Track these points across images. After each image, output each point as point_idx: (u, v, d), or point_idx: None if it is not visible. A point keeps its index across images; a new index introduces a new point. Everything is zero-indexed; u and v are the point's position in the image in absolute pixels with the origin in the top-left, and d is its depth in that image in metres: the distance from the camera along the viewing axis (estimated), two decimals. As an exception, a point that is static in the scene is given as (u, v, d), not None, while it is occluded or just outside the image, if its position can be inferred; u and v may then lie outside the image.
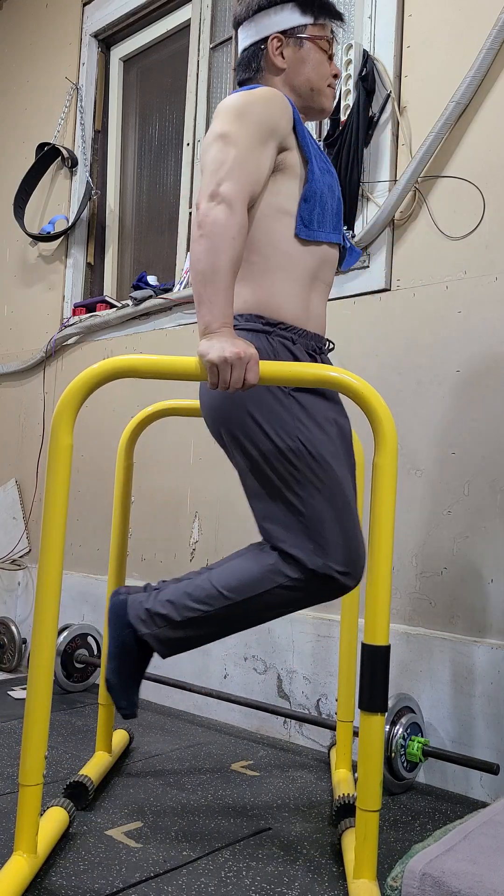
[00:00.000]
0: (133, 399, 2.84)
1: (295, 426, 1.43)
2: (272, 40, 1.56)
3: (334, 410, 1.50)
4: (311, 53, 1.57)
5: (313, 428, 1.44)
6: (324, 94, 1.60)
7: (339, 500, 1.44)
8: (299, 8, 1.56)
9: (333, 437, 1.47)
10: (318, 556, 1.41)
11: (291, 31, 1.56)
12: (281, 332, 1.47)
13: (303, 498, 1.42)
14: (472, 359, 1.98)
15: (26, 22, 3.63)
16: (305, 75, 1.57)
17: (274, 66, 1.57)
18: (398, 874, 1.12)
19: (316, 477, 1.42)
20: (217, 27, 2.89)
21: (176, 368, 1.31)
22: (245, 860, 1.44)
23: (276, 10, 1.56)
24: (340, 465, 1.46)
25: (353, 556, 1.44)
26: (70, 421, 1.29)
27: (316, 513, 1.42)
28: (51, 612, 1.29)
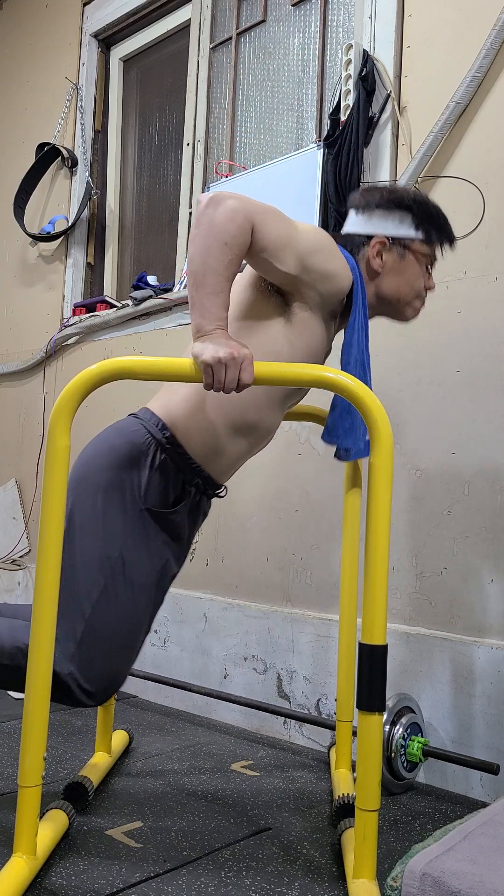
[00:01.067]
0: (131, 399, 2.84)
1: (127, 540, 1.40)
2: (375, 243, 1.52)
3: (172, 551, 1.46)
4: (410, 267, 1.54)
5: (143, 552, 1.41)
6: (411, 306, 1.58)
7: (127, 629, 1.40)
8: (415, 222, 1.52)
9: (155, 570, 1.43)
10: (71, 663, 1.36)
11: (399, 240, 1.53)
12: (174, 455, 1.43)
13: (94, 608, 1.37)
14: (472, 359, 1.98)
15: (26, 22, 3.63)
16: (396, 286, 1.54)
17: (370, 267, 1.53)
18: (398, 874, 1.12)
19: (117, 598, 1.38)
20: (217, 27, 2.89)
21: (172, 370, 1.31)
22: (245, 860, 1.45)
23: (393, 214, 1.52)
24: (146, 599, 1.42)
25: (107, 684, 1.39)
26: (67, 422, 1.29)
27: (98, 627, 1.37)
28: (50, 612, 1.29)
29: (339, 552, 2.18)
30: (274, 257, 1.36)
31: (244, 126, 2.77)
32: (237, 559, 2.43)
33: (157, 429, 1.45)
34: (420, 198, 1.54)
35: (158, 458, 1.43)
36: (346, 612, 1.83)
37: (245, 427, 1.47)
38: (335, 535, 2.19)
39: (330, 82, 2.51)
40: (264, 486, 2.38)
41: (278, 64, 2.68)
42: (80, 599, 1.38)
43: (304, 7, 2.62)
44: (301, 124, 2.59)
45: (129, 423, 1.49)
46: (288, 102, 2.64)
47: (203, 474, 1.47)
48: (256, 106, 2.74)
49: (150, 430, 1.45)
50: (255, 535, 2.39)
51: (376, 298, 1.56)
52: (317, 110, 2.53)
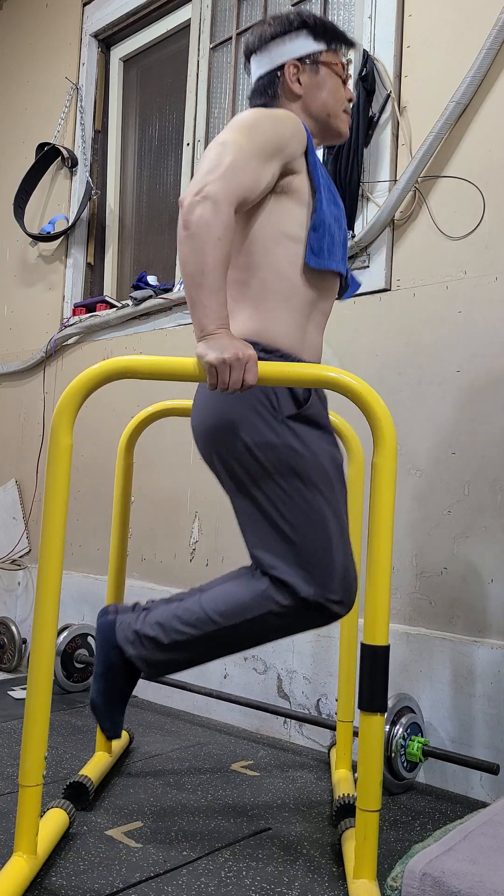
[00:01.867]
0: (133, 399, 2.84)
1: (287, 453, 1.42)
2: (289, 67, 1.56)
3: (328, 441, 1.48)
4: (326, 79, 1.58)
5: (306, 454, 1.43)
6: (340, 118, 1.60)
7: (331, 527, 1.42)
8: (312, 35, 1.57)
9: (326, 465, 1.45)
10: (310, 584, 1.39)
11: (307, 58, 1.57)
12: (276, 361, 1.45)
13: (294, 525, 1.41)
14: (472, 359, 1.98)
15: (26, 22, 3.63)
16: (322, 100, 1.57)
17: (291, 92, 1.57)
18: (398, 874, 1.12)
19: (308, 506, 1.41)
20: (217, 27, 2.89)
21: (175, 369, 1.31)
22: (245, 860, 1.44)
23: (289, 38, 1.56)
24: (333, 492, 1.44)
25: (345, 584, 1.42)
26: (69, 421, 1.29)
27: (308, 540, 1.40)
28: (51, 612, 1.29)
29: (339, 552, 2.17)
30: (261, 192, 1.41)
31: (244, 126, 2.76)
32: (237, 559, 2.43)
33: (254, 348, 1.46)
34: (305, 12, 1.59)
35: None
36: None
37: (313, 302, 1.51)
38: (335, 535, 2.19)
39: (330, 82, 2.51)
40: (264, 486, 2.37)
41: (278, 64, 2.68)
42: (280, 526, 1.41)
43: (304, 7, 2.62)
44: (301, 124, 2.59)
45: None
46: (288, 102, 2.64)
47: (304, 361, 1.50)
48: (256, 106, 2.73)
49: None
50: (255, 535, 2.38)
51: (310, 122, 1.59)
52: (317, 110, 2.53)
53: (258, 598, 1.41)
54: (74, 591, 2.92)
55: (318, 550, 1.40)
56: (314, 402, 1.48)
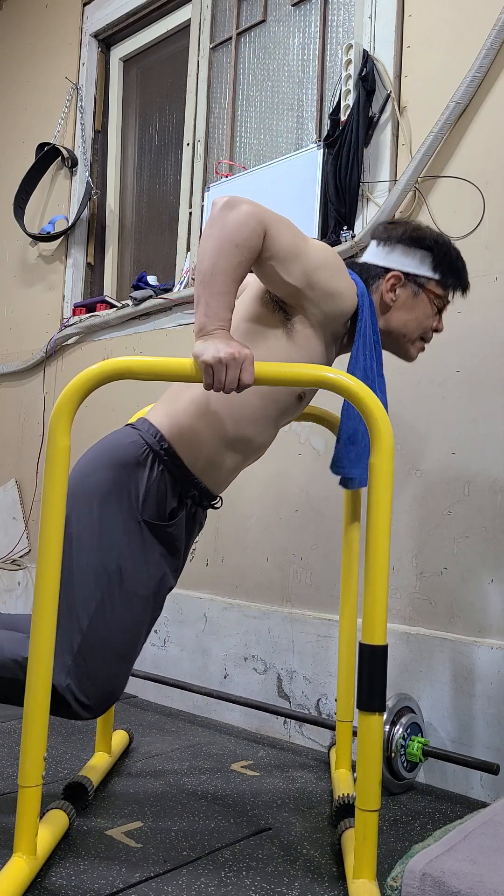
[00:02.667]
0: (132, 399, 2.84)
1: (125, 551, 1.39)
2: (392, 276, 1.54)
3: (168, 564, 1.46)
4: (421, 305, 1.56)
5: (140, 564, 1.40)
6: (414, 344, 1.60)
7: (124, 641, 1.39)
8: (434, 263, 1.54)
9: (153, 581, 1.43)
10: (68, 676, 1.35)
11: (415, 277, 1.55)
12: (171, 467, 1.43)
13: (91, 620, 1.37)
14: (472, 359, 1.98)
15: (26, 22, 3.63)
16: (405, 321, 1.56)
17: (383, 298, 1.55)
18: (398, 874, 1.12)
19: (114, 610, 1.38)
20: (217, 27, 2.89)
21: (173, 370, 1.31)
22: (245, 860, 1.45)
23: (413, 252, 1.54)
24: (142, 611, 1.42)
25: (103, 697, 1.38)
26: (67, 422, 1.29)
27: (95, 640, 1.36)
28: (51, 612, 1.29)
29: (339, 552, 2.18)
30: (281, 267, 1.38)
31: (244, 126, 2.77)
32: (237, 559, 2.43)
33: (154, 440, 1.44)
34: (442, 240, 1.55)
35: (156, 469, 1.43)
36: (346, 612, 1.83)
37: (241, 440, 1.48)
38: (335, 535, 2.19)
39: (330, 82, 2.51)
40: (264, 486, 2.38)
41: (278, 64, 2.68)
42: (77, 612, 1.37)
43: (304, 7, 2.62)
44: (301, 124, 2.59)
45: (127, 434, 1.48)
46: (288, 102, 2.64)
47: (200, 485, 1.47)
48: (256, 106, 2.74)
49: (147, 441, 1.44)
50: (255, 535, 2.39)
51: (383, 332, 1.58)
52: (317, 110, 2.53)
53: (12, 663, 1.37)
54: (74, 591, 2.92)
55: (97, 652, 1.37)
56: (180, 523, 1.46)
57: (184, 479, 1.45)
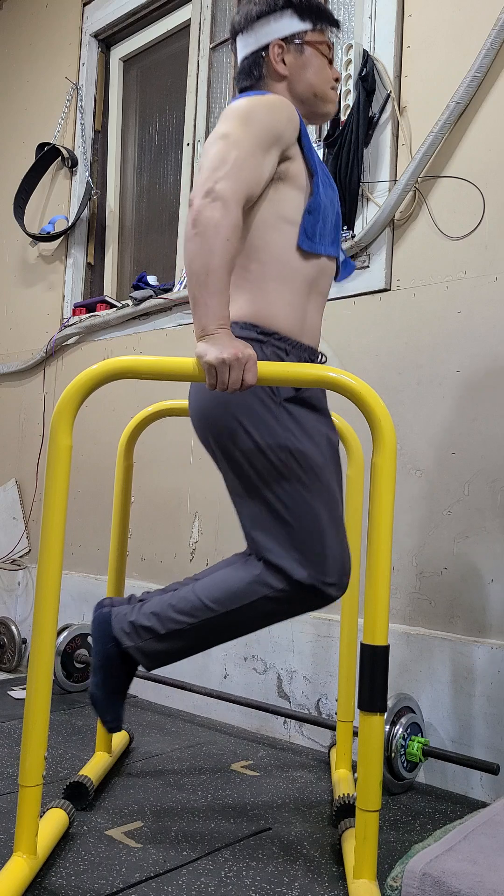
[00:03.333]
0: (132, 399, 2.84)
1: (284, 436, 1.42)
2: (273, 47, 1.56)
3: (324, 423, 1.49)
4: (312, 59, 1.57)
5: (303, 438, 1.43)
6: (327, 98, 1.60)
7: (326, 511, 1.43)
8: (297, 15, 1.56)
9: (323, 448, 1.46)
10: (304, 567, 1.40)
11: (291, 38, 1.56)
12: (275, 343, 1.46)
13: (290, 508, 1.41)
14: (472, 359, 1.98)
15: (26, 22, 3.63)
16: (308, 80, 1.57)
17: (276, 72, 1.56)
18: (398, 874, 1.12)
19: (304, 487, 1.42)
20: (217, 27, 2.89)
21: (174, 369, 1.31)
22: (245, 860, 1.44)
23: (274, 17, 1.56)
24: (329, 476, 1.45)
25: (339, 568, 1.43)
26: (69, 422, 1.29)
27: (303, 523, 1.41)
28: (51, 612, 1.29)
29: (339, 552, 2.18)
30: (264, 184, 1.41)
31: (244, 126, 2.76)
32: (237, 559, 2.42)
33: (249, 331, 1.46)
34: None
35: (266, 351, 1.46)
36: (347, 612, 1.83)
37: (312, 282, 1.51)
38: (335, 535, 2.19)
39: (330, 82, 2.51)
40: (264, 486, 2.37)
41: (278, 64, 2.68)
42: (277, 510, 1.41)
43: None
44: (301, 124, 2.59)
45: None
46: (288, 102, 2.64)
47: (303, 346, 1.51)
48: (256, 106, 2.73)
49: (245, 336, 1.46)
50: (255, 535, 2.38)
51: (297, 102, 1.59)
52: (317, 110, 2.53)
53: (252, 584, 1.42)
54: (74, 591, 2.92)
55: (312, 533, 1.41)
56: None
57: (290, 347, 1.48)
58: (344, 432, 1.88)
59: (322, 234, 1.50)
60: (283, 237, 1.47)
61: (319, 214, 1.49)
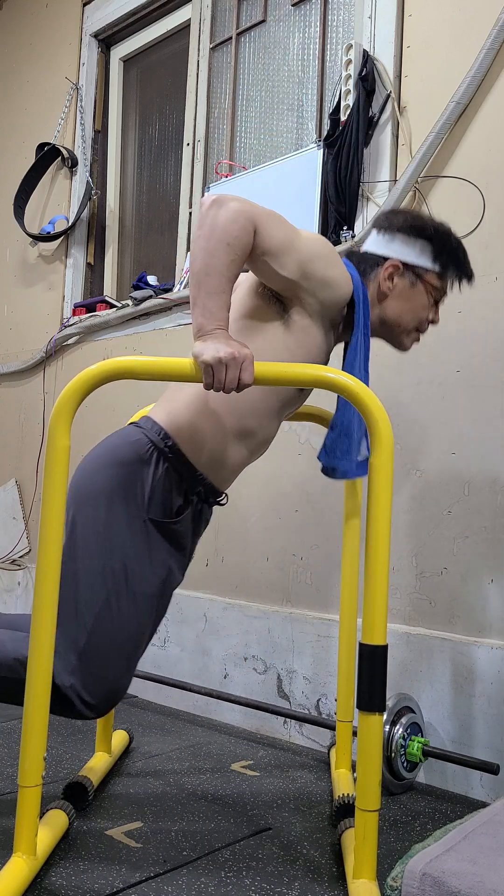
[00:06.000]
0: (132, 399, 2.84)
1: (130, 551, 1.39)
2: (390, 266, 1.53)
3: (176, 560, 1.46)
4: (418, 296, 1.54)
5: (143, 562, 1.40)
6: (409, 335, 1.58)
7: (128, 640, 1.39)
8: (433, 253, 1.52)
9: (159, 580, 1.42)
10: (72, 675, 1.35)
11: (412, 267, 1.53)
12: (176, 464, 1.43)
13: (95, 618, 1.36)
14: (472, 359, 1.98)
15: (26, 22, 3.63)
16: (400, 311, 1.55)
17: (379, 287, 1.54)
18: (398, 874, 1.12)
19: (120, 609, 1.38)
20: (217, 27, 2.89)
21: (172, 369, 1.31)
22: (245, 860, 1.44)
23: (413, 241, 1.53)
24: (148, 611, 1.42)
25: (108, 696, 1.38)
26: (67, 422, 1.29)
27: (100, 639, 1.36)
28: (50, 612, 1.29)
29: (339, 552, 2.18)
30: (275, 261, 1.37)
31: (244, 126, 2.77)
32: (237, 559, 2.43)
33: (159, 437, 1.44)
34: (443, 230, 1.54)
35: (161, 467, 1.43)
36: (346, 612, 1.83)
37: (244, 434, 1.47)
38: (335, 535, 2.19)
39: (330, 82, 2.51)
40: (264, 486, 2.38)
41: (278, 64, 2.68)
42: (82, 611, 1.37)
43: (304, 7, 2.62)
44: (301, 124, 2.59)
45: (131, 432, 1.48)
46: (288, 102, 2.64)
47: (205, 482, 1.47)
48: (256, 106, 2.74)
49: (151, 439, 1.44)
50: (255, 535, 2.39)
51: (378, 320, 1.57)
52: (317, 110, 2.53)
53: (14, 661, 1.37)
54: (74, 591, 2.92)
55: (102, 651, 1.36)
56: (185, 521, 1.45)
57: (189, 476, 1.45)
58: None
59: (344, 452, 1.49)
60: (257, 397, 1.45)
61: (341, 431, 1.48)
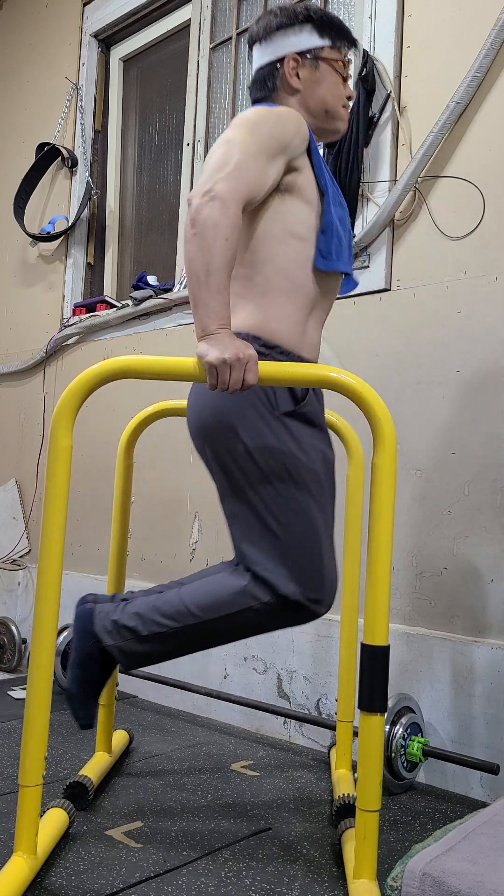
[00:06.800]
0: (133, 399, 2.84)
1: (281, 450, 1.42)
2: (288, 60, 1.55)
3: (321, 440, 1.49)
4: (326, 75, 1.57)
5: (299, 453, 1.43)
6: (338, 115, 1.60)
7: (318, 528, 1.42)
8: (317, 30, 1.56)
9: (318, 465, 1.45)
10: (291, 582, 1.40)
11: (307, 53, 1.56)
12: (276, 357, 1.46)
13: (282, 523, 1.41)
14: (472, 359, 1.98)
15: (26, 22, 3.63)
16: (320, 96, 1.57)
17: (289, 85, 1.56)
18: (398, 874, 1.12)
19: (297, 504, 1.41)
20: (217, 27, 2.89)
21: (175, 369, 1.31)
22: (245, 860, 1.44)
23: (293, 31, 1.56)
24: (322, 493, 1.45)
25: (326, 585, 1.42)
26: (69, 422, 1.29)
27: (293, 539, 1.41)
28: (51, 612, 1.29)
29: (339, 552, 2.18)
30: (267, 190, 1.40)
31: (244, 126, 2.76)
32: (237, 559, 2.42)
33: (252, 343, 1.46)
34: (313, 7, 1.57)
35: None
36: (347, 612, 1.83)
37: (315, 298, 1.51)
38: (335, 535, 2.19)
39: (330, 82, 2.51)
40: (264, 486, 2.37)
41: (278, 64, 2.68)
42: (268, 523, 1.41)
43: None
44: (301, 124, 2.59)
45: None
46: (288, 102, 2.64)
47: (304, 359, 1.50)
48: (256, 106, 2.73)
49: None
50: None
51: (308, 117, 1.59)
52: (317, 110, 2.53)
53: (238, 594, 1.42)
54: (74, 591, 2.92)
55: (303, 549, 1.41)
56: (311, 400, 1.48)
57: (291, 361, 1.47)
58: (344, 432, 1.88)
59: (338, 253, 1.50)
60: (289, 252, 1.47)
61: (333, 233, 1.49)
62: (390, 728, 1.78)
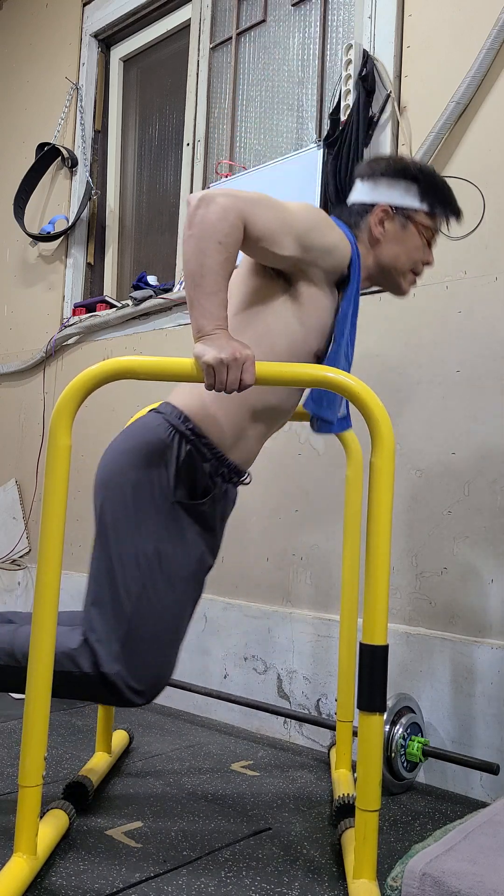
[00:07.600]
0: (132, 399, 2.84)
1: (161, 534, 1.40)
2: (378, 210, 1.54)
3: (206, 542, 1.47)
4: (411, 237, 1.55)
5: (177, 544, 1.41)
6: (405, 277, 1.59)
7: (169, 621, 1.40)
8: (419, 192, 1.54)
9: (192, 562, 1.43)
10: (118, 664, 1.36)
11: (402, 209, 1.54)
12: (201, 449, 1.44)
13: (135, 606, 1.38)
14: (472, 359, 1.98)
15: (26, 22, 3.63)
16: (395, 254, 1.55)
17: (371, 231, 1.54)
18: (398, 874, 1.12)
19: (157, 590, 1.39)
20: (217, 27, 2.89)
21: (174, 370, 1.31)
22: (245, 860, 1.44)
23: (397, 184, 1.54)
24: (186, 591, 1.42)
25: (154, 681, 1.39)
26: (68, 422, 1.29)
27: (141, 623, 1.37)
28: (50, 612, 1.29)
29: (339, 552, 2.18)
30: (273, 244, 1.37)
31: (244, 126, 2.77)
32: (237, 559, 2.43)
33: (179, 421, 1.45)
34: (427, 169, 1.55)
35: (184, 450, 1.44)
36: (346, 612, 1.83)
37: (265, 410, 1.49)
38: (335, 535, 2.19)
39: (330, 82, 2.51)
40: (264, 486, 2.38)
41: (278, 64, 2.68)
42: (121, 598, 1.38)
43: (304, 7, 2.62)
44: (301, 124, 2.59)
45: (152, 419, 1.49)
46: (288, 102, 2.64)
47: (228, 462, 1.48)
48: (256, 106, 2.74)
49: (173, 424, 1.45)
50: (255, 535, 2.39)
51: (375, 267, 1.57)
52: (317, 110, 2.53)
53: (62, 655, 1.38)
54: (74, 591, 2.92)
55: (146, 637, 1.38)
56: (212, 502, 1.46)
57: (212, 457, 1.46)
58: (343, 432, 1.87)
59: (329, 402, 1.50)
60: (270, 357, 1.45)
61: None
62: (390, 728, 1.78)
